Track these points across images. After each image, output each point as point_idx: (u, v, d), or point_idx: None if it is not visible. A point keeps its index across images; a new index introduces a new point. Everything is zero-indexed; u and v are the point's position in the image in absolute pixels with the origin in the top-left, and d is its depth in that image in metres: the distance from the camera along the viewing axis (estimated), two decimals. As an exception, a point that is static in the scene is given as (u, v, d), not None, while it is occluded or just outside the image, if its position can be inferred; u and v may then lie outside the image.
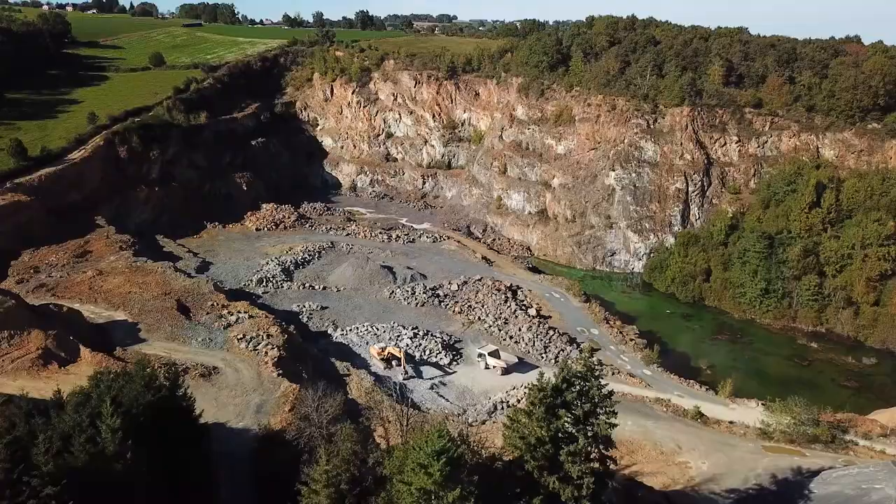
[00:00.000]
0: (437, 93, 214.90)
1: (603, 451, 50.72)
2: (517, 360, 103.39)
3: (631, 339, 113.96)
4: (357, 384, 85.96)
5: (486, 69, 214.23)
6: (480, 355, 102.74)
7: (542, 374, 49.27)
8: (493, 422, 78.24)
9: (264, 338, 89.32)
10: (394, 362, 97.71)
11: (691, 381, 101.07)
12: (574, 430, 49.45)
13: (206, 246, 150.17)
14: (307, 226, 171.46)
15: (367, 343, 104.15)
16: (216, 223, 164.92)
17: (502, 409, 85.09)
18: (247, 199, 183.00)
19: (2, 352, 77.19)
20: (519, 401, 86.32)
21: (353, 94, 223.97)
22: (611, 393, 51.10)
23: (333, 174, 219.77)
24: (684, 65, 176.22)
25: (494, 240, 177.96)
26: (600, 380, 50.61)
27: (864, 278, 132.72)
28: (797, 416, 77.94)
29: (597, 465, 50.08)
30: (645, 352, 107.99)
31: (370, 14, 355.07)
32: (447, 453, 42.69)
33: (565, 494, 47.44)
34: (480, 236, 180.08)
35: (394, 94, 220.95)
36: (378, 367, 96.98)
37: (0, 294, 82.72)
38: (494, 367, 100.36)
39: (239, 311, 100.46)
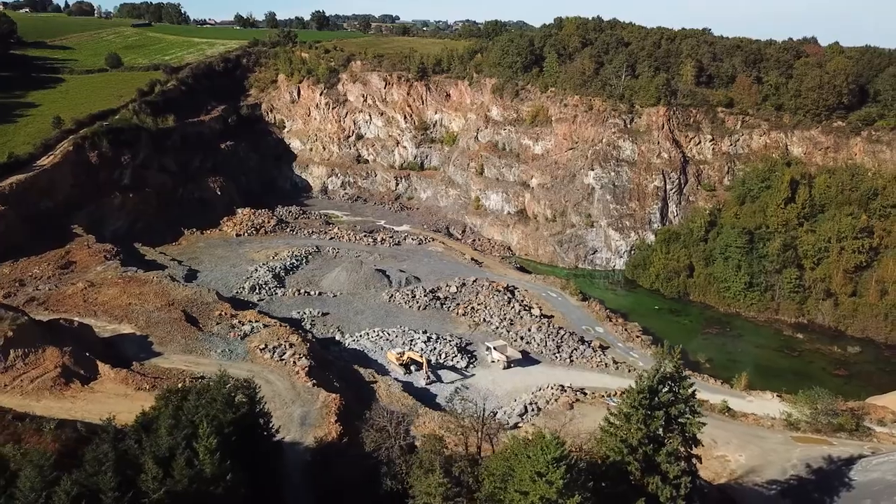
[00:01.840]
0: (408, 94, 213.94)
1: (689, 450, 51.47)
2: (520, 356, 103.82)
3: (637, 336, 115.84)
4: (386, 391, 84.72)
5: (456, 70, 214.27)
6: (488, 348, 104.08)
7: (639, 377, 49.39)
8: (533, 424, 78.04)
9: (287, 347, 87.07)
10: (412, 367, 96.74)
11: (705, 375, 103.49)
12: (662, 431, 50.06)
13: (187, 253, 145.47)
14: (287, 230, 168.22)
15: (382, 349, 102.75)
16: (193, 229, 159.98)
17: (533, 411, 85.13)
18: (221, 203, 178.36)
19: (18, 371, 73.02)
20: (548, 402, 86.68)
21: (321, 95, 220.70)
22: (694, 392, 51.85)
23: (303, 176, 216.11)
24: (657, 65, 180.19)
25: (475, 240, 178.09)
26: (686, 380, 51.32)
27: (842, 270, 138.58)
28: (821, 407, 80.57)
29: (684, 464, 50.81)
30: (654, 349, 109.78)
31: (326, 14, 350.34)
32: (565, 460, 42.57)
33: (664, 495, 47.94)
34: (460, 237, 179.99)
35: (363, 96, 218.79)
36: (397, 372, 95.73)
37: (10, 310, 78.18)
38: (498, 360, 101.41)
39: (250, 321, 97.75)
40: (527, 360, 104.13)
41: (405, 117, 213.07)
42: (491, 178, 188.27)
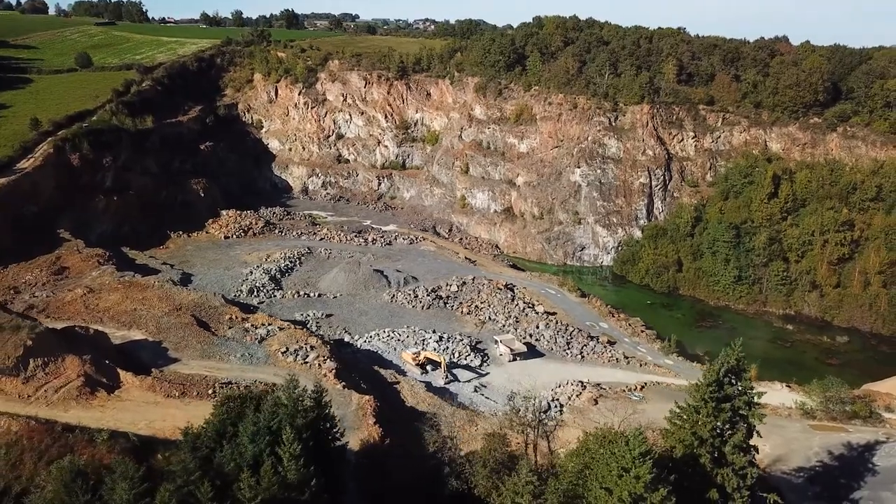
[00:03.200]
0: (388, 93, 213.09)
1: (748, 441, 52.63)
2: (525, 349, 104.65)
3: (642, 331, 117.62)
4: (410, 391, 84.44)
5: (436, 69, 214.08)
6: (496, 341, 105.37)
7: (707, 370, 50.34)
8: (562, 421, 78.65)
9: (309, 349, 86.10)
10: (429, 367, 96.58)
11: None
12: (723, 424, 51.12)
13: (177, 256, 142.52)
14: (276, 231, 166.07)
15: (395, 349, 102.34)
16: (180, 232, 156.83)
17: (556, 408, 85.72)
18: (204, 205, 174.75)
19: (39, 381, 70.61)
20: (570, 398, 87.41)
21: (299, 94, 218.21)
22: (752, 386, 53.08)
23: (283, 177, 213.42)
24: (638, 64, 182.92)
25: (462, 239, 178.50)
26: (745, 372, 52.51)
27: (826, 262, 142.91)
28: (836, 395, 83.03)
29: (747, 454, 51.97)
30: (661, 343, 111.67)
31: (296, 13, 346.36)
32: (650, 455, 43.16)
33: (730, 485, 49.00)
34: (447, 236, 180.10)
35: (343, 95, 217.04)
36: (413, 372, 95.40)
37: (26, 319, 75.63)
38: (503, 353, 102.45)
39: (263, 324, 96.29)
40: (532, 352, 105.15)
41: (386, 116, 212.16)
42: (476, 177, 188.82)
